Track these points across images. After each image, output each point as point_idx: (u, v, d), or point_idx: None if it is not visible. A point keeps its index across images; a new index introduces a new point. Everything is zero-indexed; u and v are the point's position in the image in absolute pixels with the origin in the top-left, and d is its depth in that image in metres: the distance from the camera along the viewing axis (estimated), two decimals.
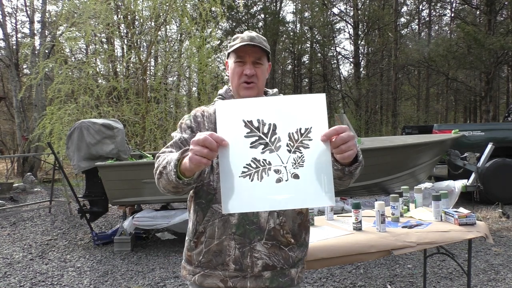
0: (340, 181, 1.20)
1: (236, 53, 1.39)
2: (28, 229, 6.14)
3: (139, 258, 4.56)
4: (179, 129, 1.43)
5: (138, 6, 9.18)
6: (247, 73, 1.37)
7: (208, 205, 1.34)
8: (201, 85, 9.41)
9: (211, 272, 1.35)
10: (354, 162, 1.16)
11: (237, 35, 1.44)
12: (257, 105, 1.05)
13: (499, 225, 5.54)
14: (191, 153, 1.04)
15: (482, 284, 3.55)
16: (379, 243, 2.25)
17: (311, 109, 1.04)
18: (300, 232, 1.41)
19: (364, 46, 24.21)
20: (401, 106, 23.79)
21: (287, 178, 1.03)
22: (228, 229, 1.32)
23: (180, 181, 1.15)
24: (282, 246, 1.34)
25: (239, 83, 1.40)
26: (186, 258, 1.44)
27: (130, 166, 4.92)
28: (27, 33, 15.76)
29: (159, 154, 1.34)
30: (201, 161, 1.02)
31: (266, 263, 1.32)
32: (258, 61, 1.40)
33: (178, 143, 1.36)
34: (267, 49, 1.41)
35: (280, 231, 1.33)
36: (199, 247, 1.37)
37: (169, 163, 1.19)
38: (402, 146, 5.37)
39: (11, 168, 12.13)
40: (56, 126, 7.47)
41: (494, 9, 15.70)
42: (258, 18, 23.83)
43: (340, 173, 1.15)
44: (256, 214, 1.32)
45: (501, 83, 21.62)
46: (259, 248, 1.32)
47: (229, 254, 1.32)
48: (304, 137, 1.03)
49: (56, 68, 8.27)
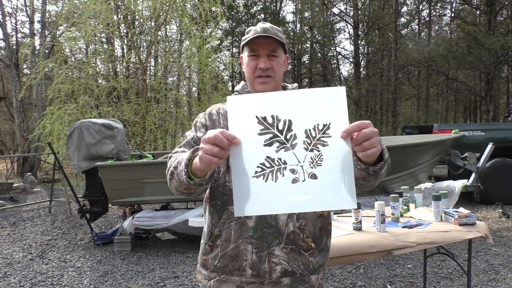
0: (365, 182, 1.12)
1: (250, 46, 1.31)
2: (28, 229, 6.14)
3: (139, 258, 4.56)
4: (193, 127, 1.37)
5: (138, 6, 9.19)
6: (262, 66, 1.29)
7: (224, 207, 1.27)
8: (201, 85, 9.42)
9: (227, 277, 1.28)
10: (379, 161, 1.06)
11: (250, 28, 1.36)
12: (271, 100, 0.97)
13: (499, 225, 5.54)
14: (201, 151, 0.99)
15: (482, 284, 3.55)
16: (379, 243, 2.25)
17: (330, 103, 0.96)
18: (321, 236, 1.32)
19: (364, 46, 24.22)
20: (401, 106, 23.78)
21: (304, 179, 0.96)
22: (245, 232, 1.25)
23: (191, 182, 1.09)
24: (302, 250, 1.26)
25: (253, 77, 1.32)
26: (202, 262, 1.35)
27: (130, 166, 4.92)
28: (27, 33, 15.78)
29: (172, 154, 1.29)
30: (212, 160, 0.97)
31: (285, 268, 1.25)
32: (273, 53, 1.31)
33: (191, 142, 1.31)
34: (282, 40, 1.33)
35: (300, 235, 1.25)
36: (214, 251, 1.30)
37: (180, 163, 1.14)
38: (402, 146, 5.37)
39: (11, 168, 12.13)
40: (56, 126, 7.47)
41: (494, 9, 15.70)
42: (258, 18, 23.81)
43: (364, 173, 1.06)
44: (274, 217, 1.24)
45: (501, 83, 21.61)
46: (278, 253, 1.24)
47: (246, 258, 1.25)
48: (323, 133, 0.95)
49: (56, 68, 8.28)
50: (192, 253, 4.67)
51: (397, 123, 20.50)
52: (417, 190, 3.12)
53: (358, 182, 1.13)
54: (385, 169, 1.10)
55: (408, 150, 5.35)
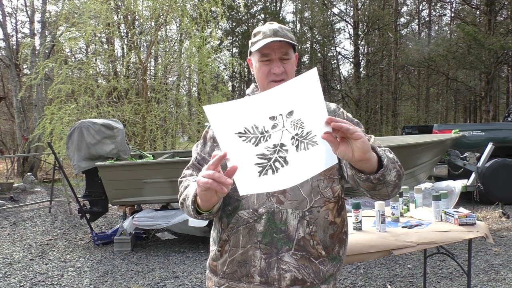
0: (376, 192, 1.09)
1: (261, 51, 1.26)
2: (28, 229, 6.14)
3: (139, 258, 4.56)
4: (202, 140, 1.36)
5: (138, 6, 9.19)
6: (276, 71, 1.25)
7: (234, 212, 1.23)
8: (201, 85, 9.41)
9: (235, 284, 1.24)
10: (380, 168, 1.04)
11: (258, 29, 1.31)
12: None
13: (499, 225, 5.54)
14: (198, 188, 1.01)
15: (482, 284, 3.55)
16: (379, 243, 2.25)
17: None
18: (333, 245, 1.26)
19: (364, 46, 24.21)
20: (401, 106, 23.77)
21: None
22: (254, 237, 1.21)
23: (199, 216, 1.14)
24: (312, 258, 1.21)
25: (267, 82, 1.27)
26: (212, 269, 1.32)
27: (130, 166, 4.92)
28: (27, 33, 15.77)
29: (181, 179, 1.30)
30: (212, 199, 1.01)
31: (295, 276, 1.20)
32: (285, 56, 1.27)
33: (196, 165, 1.32)
34: (293, 41, 1.28)
35: (310, 241, 1.21)
36: (223, 257, 1.26)
37: (187, 196, 1.16)
38: (402, 146, 5.37)
39: (11, 168, 12.13)
40: (57, 126, 7.48)
41: (494, 9, 15.71)
42: (258, 18, 23.84)
43: (369, 183, 1.04)
44: (284, 221, 1.20)
45: (501, 83, 21.60)
46: (287, 259, 1.19)
47: (254, 264, 1.21)
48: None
49: (56, 68, 8.27)
50: (192, 253, 4.67)
51: (397, 123, 20.51)
52: (417, 190, 3.13)
53: (370, 193, 1.12)
54: (394, 176, 1.07)
55: (408, 150, 5.35)
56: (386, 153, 1.09)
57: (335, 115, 1.33)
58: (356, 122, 1.32)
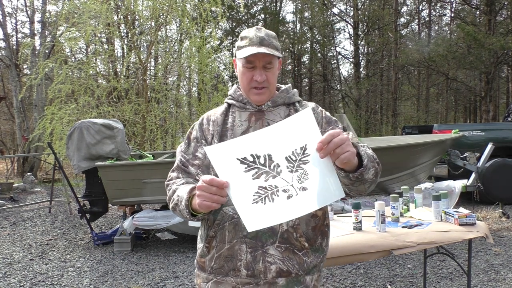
0: (354, 187, 1.17)
1: (245, 58, 1.31)
2: (28, 229, 6.14)
3: (139, 258, 4.56)
4: (186, 140, 1.42)
5: (138, 6, 9.18)
6: (258, 79, 1.31)
7: (220, 209, 1.27)
8: (201, 85, 9.40)
9: (223, 278, 1.29)
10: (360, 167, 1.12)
11: (245, 34, 1.35)
12: (246, 142, 1.04)
13: (499, 225, 5.54)
14: (199, 199, 1.08)
15: (482, 284, 3.55)
16: (379, 243, 2.25)
17: (301, 127, 1.04)
18: (315, 236, 1.32)
19: (364, 46, 24.20)
20: (401, 106, 23.78)
21: (296, 193, 1.06)
22: (239, 232, 1.26)
23: (194, 218, 1.20)
24: (296, 250, 1.28)
25: (249, 88, 1.35)
26: (200, 265, 1.36)
27: (130, 166, 4.92)
28: (27, 33, 15.79)
29: (168, 182, 1.35)
30: (211, 206, 1.07)
31: (280, 268, 1.25)
32: (268, 65, 1.32)
33: (181, 167, 1.36)
34: (278, 51, 1.34)
35: (293, 234, 1.27)
36: (211, 253, 1.31)
37: (180, 201, 1.20)
38: (402, 146, 5.37)
39: (11, 168, 12.13)
40: (57, 127, 7.47)
41: (494, 9, 15.69)
42: (258, 18, 23.83)
43: (347, 179, 1.12)
44: None
45: (501, 83, 21.61)
46: (272, 252, 1.25)
47: (241, 258, 1.26)
48: (302, 155, 1.05)
49: (56, 68, 8.27)
50: (192, 253, 4.67)
51: (397, 123, 20.49)
52: (417, 190, 3.13)
53: (348, 188, 1.18)
54: (372, 174, 1.15)
55: (408, 150, 5.35)
56: (366, 151, 1.15)
57: (314, 113, 1.36)
58: (334, 120, 1.41)
